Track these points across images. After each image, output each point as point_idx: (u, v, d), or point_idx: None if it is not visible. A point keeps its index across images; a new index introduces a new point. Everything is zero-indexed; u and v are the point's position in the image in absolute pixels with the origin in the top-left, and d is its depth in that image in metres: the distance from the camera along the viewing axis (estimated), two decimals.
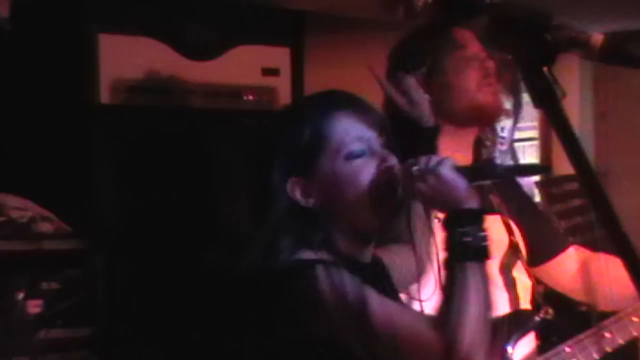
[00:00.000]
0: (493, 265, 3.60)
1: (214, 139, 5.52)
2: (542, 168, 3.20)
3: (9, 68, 5.18)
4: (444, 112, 3.84)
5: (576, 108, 7.03)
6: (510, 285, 4.05)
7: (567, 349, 3.86)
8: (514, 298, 4.08)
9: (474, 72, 3.87)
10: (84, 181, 5.17)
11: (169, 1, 5.55)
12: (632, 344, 4.18)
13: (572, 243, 4.23)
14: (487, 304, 2.94)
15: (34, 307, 4.73)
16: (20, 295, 4.68)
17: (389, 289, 3.21)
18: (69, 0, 5.24)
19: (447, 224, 2.97)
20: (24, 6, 5.21)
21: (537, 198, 4.45)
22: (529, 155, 6.97)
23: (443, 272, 2.96)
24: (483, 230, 2.97)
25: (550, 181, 6.35)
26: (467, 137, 3.95)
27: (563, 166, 4.86)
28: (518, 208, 4.15)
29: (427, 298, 3.08)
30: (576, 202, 5.33)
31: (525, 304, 4.11)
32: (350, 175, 3.02)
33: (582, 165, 2.03)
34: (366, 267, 3.11)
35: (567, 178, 5.75)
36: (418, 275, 3.34)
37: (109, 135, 5.21)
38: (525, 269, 4.11)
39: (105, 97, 5.16)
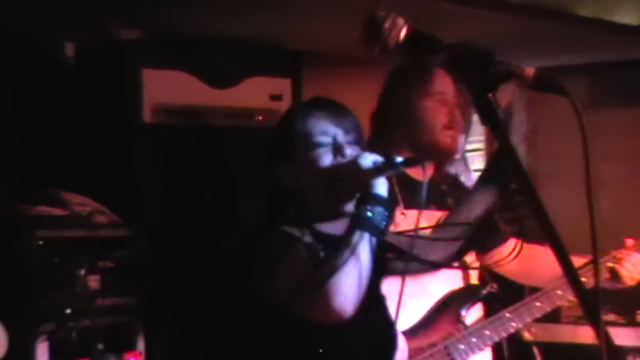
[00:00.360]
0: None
1: (231, 150, 5.52)
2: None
3: (73, 94, 5.25)
4: (411, 144, 3.82)
5: (519, 121, 7.15)
6: (463, 266, 4.03)
7: (507, 314, 3.83)
8: (466, 276, 4.08)
9: (441, 115, 3.83)
10: (131, 182, 5.21)
11: (196, 43, 5.65)
12: (555, 311, 4.18)
13: (511, 236, 4.15)
14: (364, 267, 2.93)
15: (93, 281, 4.68)
16: (82, 272, 4.63)
17: None
18: (119, 43, 5.25)
19: (358, 201, 3.02)
20: (85, 48, 5.34)
21: None
22: (477, 162, 6.82)
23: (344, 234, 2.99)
24: (384, 213, 2.99)
25: None
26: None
27: None
28: None
29: None
30: (513, 199, 5.23)
31: (474, 280, 4.12)
32: (312, 161, 3.06)
33: (519, 170, 2.04)
34: (333, 239, 3.07)
35: None
36: None
37: (151, 147, 5.25)
38: (475, 255, 4.12)
39: (147, 117, 5.20)
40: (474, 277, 4.14)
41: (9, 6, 4.06)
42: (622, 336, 4.61)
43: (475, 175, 4.42)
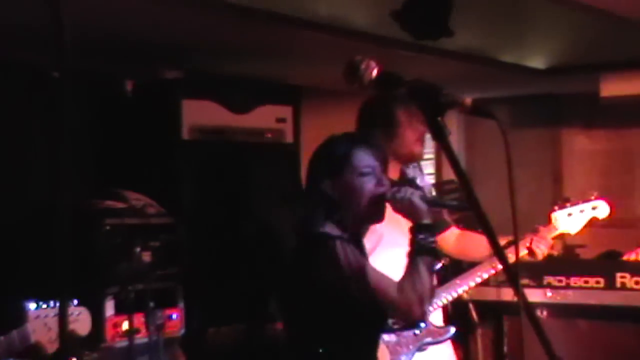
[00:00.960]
0: None
1: (248, 159, 5.50)
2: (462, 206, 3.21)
3: (131, 119, 5.27)
4: (392, 152, 3.64)
5: (455, 140, 7.15)
6: None
7: (457, 281, 3.79)
8: None
9: (417, 133, 3.74)
10: (173, 182, 5.20)
11: (221, 80, 5.64)
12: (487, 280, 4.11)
13: (453, 224, 4.06)
14: (429, 281, 2.88)
15: (146, 256, 4.69)
16: (138, 250, 4.64)
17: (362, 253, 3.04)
18: (165, 81, 5.25)
19: (412, 230, 2.90)
20: (140, 84, 5.36)
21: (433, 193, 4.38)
22: (428, 168, 6.73)
23: (407, 258, 2.89)
24: (434, 237, 2.93)
25: (441, 183, 6.47)
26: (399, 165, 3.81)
27: (449, 174, 4.96)
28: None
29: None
30: (454, 195, 5.18)
31: None
32: (359, 186, 2.90)
33: (460, 173, 2.02)
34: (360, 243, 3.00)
35: (450, 181, 5.72)
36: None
37: (188, 157, 5.25)
38: None
39: (185, 135, 5.20)
40: None
41: (86, 56, 4.06)
42: (533, 295, 4.55)
43: (427, 178, 4.37)
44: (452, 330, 3.72)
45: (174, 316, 4.89)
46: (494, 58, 6.02)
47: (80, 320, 3.29)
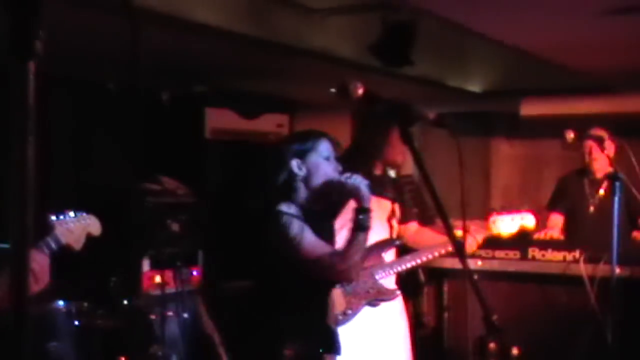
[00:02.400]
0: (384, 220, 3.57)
1: (254, 154, 5.25)
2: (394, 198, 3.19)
3: (168, 123, 5.24)
4: (380, 159, 3.58)
5: (417, 144, 7.15)
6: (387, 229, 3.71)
7: (408, 257, 3.65)
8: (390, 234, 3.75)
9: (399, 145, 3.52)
10: (198, 171, 5.20)
11: (235, 93, 5.64)
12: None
13: (414, 219, 3.88)
14: (363, 251, 2.76)
15: (175, 226, 4.49)
16: (169, 221, 4.46)
17: (329, 229, 2.88)
18: (194, 93, 5.26)
19: (356, 211, 2.74)
20: (175, 95, 5.35)
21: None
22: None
23: (348, 232, 2.73)
24: (369, 217, 2.74)
25: (401, 176, 6.44)
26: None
27: (406, 170, 4.87)
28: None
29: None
30: (412, 186, 5.15)
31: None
32: (321, 167, 2.77)
33: (423, 169, 2.03)
34: (317, 214, 2.80)
35: (407, 176, 5.71)
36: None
37: (210, 152, 5.28)
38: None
39: (208, 135, 5.22)
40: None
41: (131, 74, 4.06)
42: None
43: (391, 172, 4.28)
44: (398, 292, 3.60)
45: (195, 272, 4.88)
46: (442, 83, 6.03)
47: (92, 224, 3.11)
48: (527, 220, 3.79)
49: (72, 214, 2.81)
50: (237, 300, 5.01)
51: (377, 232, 3.50)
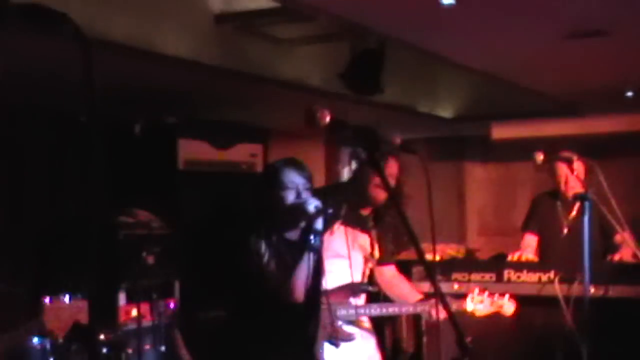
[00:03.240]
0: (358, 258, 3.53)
1: (227, 184, 5.40)
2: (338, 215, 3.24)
3: (139, 154, 5.16)
4: (359, 196, 3.53)
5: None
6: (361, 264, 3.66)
7: (374, 305, 3.53)
8: (364, 273, 3.70)
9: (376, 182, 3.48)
10: (172, 203, 5.11)
11: (208, 123, 5.58)
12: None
13: (392, 263, 3.80)
14: (309, 272, 2.77)
15: (150, 259, 4.54)
16: (144, 254, 4.50)
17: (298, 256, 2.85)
18: (166, 124, 5.15)
19: (304, 231, 2.79)
20: (146, 127, 5.26)
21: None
22: None
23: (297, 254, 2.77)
24: (320, 239, 2.78)
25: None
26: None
27: None
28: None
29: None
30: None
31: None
32: (281, 198, 2.82)
33: (391, 192, 2.02)
34: (290, 244, 2.88)
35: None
36: None
37: (183, 183, 5.16)
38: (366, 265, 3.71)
39: (181, 166, 5.13)
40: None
41: (106, 103, 4.04)
42: (444, 287, 4.40)
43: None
44: (354, 337, 3.48)
45: (172, 305, 4.81)
46: (413, 109, 6.08)
47: (83, 310, 3.12)
48: (507, 308, 3.76)
49: (66, 298, 2.77)
50: (214, 331, 5.00)
51: (355, 262, 3.48)
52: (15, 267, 4.54)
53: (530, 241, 4.95)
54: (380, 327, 4.00)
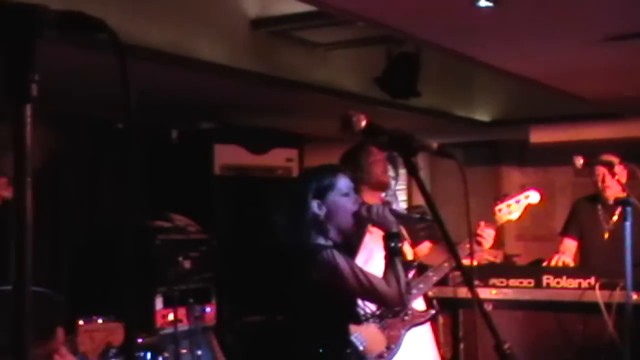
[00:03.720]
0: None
1: (264, 189, 5.27)
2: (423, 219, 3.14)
3: (177, 160, 5.24)
4: (367, 183, 3.57)
5: (424, 174, 7.13)
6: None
7: (429, 273, 3.57)
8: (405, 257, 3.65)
9: (381, 166, 3.62)
10: (208, 207, 5.15)
11: (244, 129, 5.67)
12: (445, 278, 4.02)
13: (425, 240, 3.87)
14: (402, 274, 2.79)
15: (187, 263, 4.65)
16: (181, 258, 4.60)
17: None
18: (202, 130, 5.28)
19: (385, 238, 2.82)
20: (183, 133, 5.37)
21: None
22: (402, 196, 6.84)
23: (384, 260, 2.82)
24: (400, 241, 2.85)
25: (411, 207, 6.43)
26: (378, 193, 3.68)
27: (417, 201, 4.90)
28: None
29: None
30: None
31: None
32: (341, 204, 2.78)
33: (428, 198, 1.96)
34: (347, 247, 2.87)
35: (418, 206, 5.68)
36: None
37: (219, 188, 5.20)
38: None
39: (217, 171, 5.17)
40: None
41: (144, 111, 4.08)
42: (481, 293, 4.36)
43: (400, 203, 4.32)
44: (432, 312, 3.58)
45: (208, 309, 4.85)
46: (450, 113, 6.04)
47: (115, 332, 3.01)
48: (532, 198, 3.73)
49: (100, 320, 2.78)
50: (251, 335, 5.03)
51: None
52: (53, 274, 4.61)
53: (570, 246, 4.89)
54: None
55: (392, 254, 2.80)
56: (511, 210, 3.76)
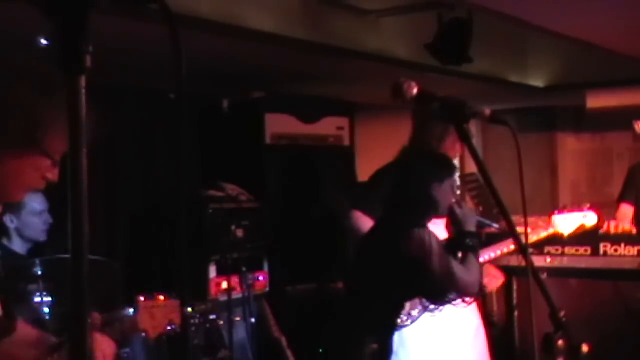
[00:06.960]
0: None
1: (315, 158, 5.47)
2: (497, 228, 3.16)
3: (228, 129, 5.26)
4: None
5: (477, 141, 7.07)
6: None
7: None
8: None
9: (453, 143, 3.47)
10: (260, 176, 5.17)
11: (295, 98, 5.60)
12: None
13: None
14: (480, 270, 2.90)
15: (239, 232, 4.67)
16: (233, 227, 4.61)
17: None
18: (253, 99, 5.25)
19: (463, 235, 2.89)
20: (234, 102, 5.38)
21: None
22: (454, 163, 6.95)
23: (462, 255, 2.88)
24: (477, 241, 2.93)
25: (464, 175, 6.37)
26: None
27: (470, 168, 4.84)
28: None
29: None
30: (476, 184, 5.02)
31: None
32: (448, 196, 2.90)
33: (481, 166, 1.93)
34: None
35: (471, 174, 5.59)
36: None
37: (270, 157, 5.23)
38: None
39: (268, 140, 5.19)
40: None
41: (197, 81, 4.11)
42: (536, 261, 4.31)
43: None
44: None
45: (261, 278, 4.91)
46: (503, 79, 5.95)
47: (178, 311, 3.11)
48: (589, 219, 3.67)
49: (162, 297, 2.82)
50: (303, 303, 5.08)
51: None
52: (109, 243, 4.70)
53: (627, 212, 4.82)
54: None
55: (469, 251, 2.88)
56: (566, 223, 3.68)
